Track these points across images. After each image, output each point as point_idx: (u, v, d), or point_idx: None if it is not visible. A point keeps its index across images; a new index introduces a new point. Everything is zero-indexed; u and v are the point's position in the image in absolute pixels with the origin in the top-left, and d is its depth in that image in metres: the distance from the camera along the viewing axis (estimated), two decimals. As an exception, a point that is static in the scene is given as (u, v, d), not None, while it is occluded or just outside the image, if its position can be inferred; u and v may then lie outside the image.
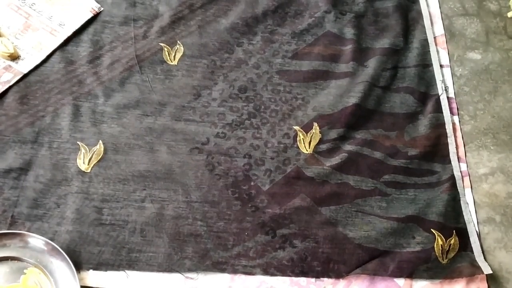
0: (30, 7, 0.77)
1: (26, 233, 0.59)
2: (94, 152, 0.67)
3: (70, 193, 0.64)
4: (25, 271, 0.58)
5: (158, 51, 0.77)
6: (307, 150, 0.71)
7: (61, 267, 0.58)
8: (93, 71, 0.74)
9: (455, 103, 0.78)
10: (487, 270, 0.62)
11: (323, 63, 0.79)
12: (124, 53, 0.76)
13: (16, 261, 0.58)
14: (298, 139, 0.71)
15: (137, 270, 0.60)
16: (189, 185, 0.66)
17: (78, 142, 0.68)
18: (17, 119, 0.69)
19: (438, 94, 0.77)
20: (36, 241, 0.59)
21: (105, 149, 0.68)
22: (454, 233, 0.65)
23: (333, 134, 0.72)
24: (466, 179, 0.71)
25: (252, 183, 0.67)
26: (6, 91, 0.71)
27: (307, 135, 0.72)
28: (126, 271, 0.60)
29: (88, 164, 0.66)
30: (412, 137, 0.73)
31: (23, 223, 0.61)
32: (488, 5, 0.89)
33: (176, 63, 0.77)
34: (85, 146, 0.68)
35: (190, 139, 0.70)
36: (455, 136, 0.74)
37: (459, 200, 0.69)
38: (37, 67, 0.73)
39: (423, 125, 0.74)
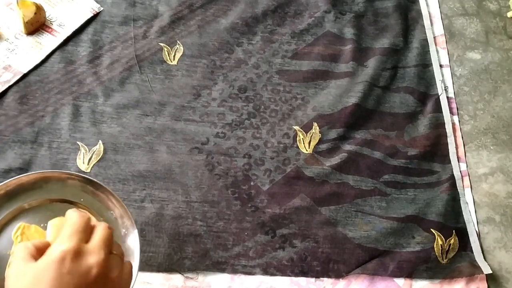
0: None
1: (62, 172, 0.53)
2: (94, 152, 0.67)
3: (69, 193, 0.64)
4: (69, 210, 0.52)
5: (158, 51, 0.77)
6: (306, 150, 0.71)
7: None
8: (92, 71, 0.74)
9: (454, 103, 0.78)
10: (486, 270, 0.62)
11: (323, 63, 0.79)
12: (123, 53, 0.76)
13: (58, 203, 0.52)
14: (297, 139, 0.71)
15: (136, 270, 0.60)
16: (189, 185, 0.66)
17: (78, 142, 0.68)
18: (16, 119, 0.69)
19: (437, 94, 0.77)
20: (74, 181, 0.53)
21: (104, 149, 0.68)
22: (454, 233, 0.65)
23: (333, 134, 0.72)
24: (466, 179, 0.71)
25: (252, 183, 0.67)
26: (5, 91, 0.71)
27: (306, 135, 0.72)
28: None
29: (88, 164, 0.66)
30: (412, 137, 0.73)
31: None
32: (487, 5, 0.89)
33: (176, 63, 0.77)
34: (85, 146, 0.68)
35: (189, 139, 0.70)
36: (455, 136, 0.74)
37: (459, 200, 0.69)
38: (36, 67, 0.73)
39: (422, 125, 0.74)
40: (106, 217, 0.52)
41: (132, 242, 0.52)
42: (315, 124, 0.73)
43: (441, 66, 0.81)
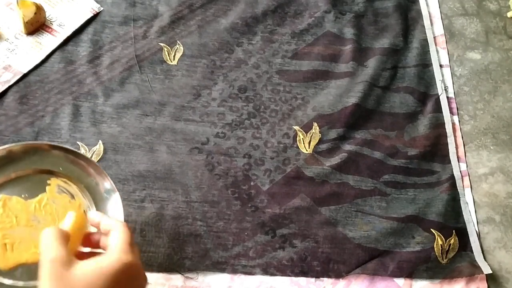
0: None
1: (44, 143, 0.54)
2: (94, 152, 0.67)
3: (69, 193, 0.64)
4: (48, 181, 0.53)
5: (158, 51, 0.77)
6: (306, 150, 0.71)
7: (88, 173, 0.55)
8: (92, 71, 0.74)
9: (454, 103, 0.78)
10: (486, 270, 0.62)
11: (323, 63, 0.79)
12: (123, 53, 0.76)
13: (38, 174, 0.53)
14: (297, 139, 0.71)
15: (136, 270, 0.60)
16: (189, 185, 0.66)
17: (78, 142, 0.68)
18: (16, 119, 0.69)
19: (437, 94, 0.77)
20: (58, 151, 0.54)
21: (104, 149, 0.68)
22: (454, 233, 0.65)
23: (333, 134, 0.72)
24: (466, 179, 0.71)
25: (252, 183, 0.67)
26: (5, 91, 0.71)
27: (306, 135, 0.72)
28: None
29: (87, 164, 0.66)
30: (412, 137, 0.73)
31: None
32: (488, 5, 0.89)
33: (176, 63, 0.77)
34: (85, 146, 0.68)
35: (189, 139, 0.70)
36: (455, 136, 0.74)
37: (459, 200, 0.69)
38: (36, 67, 0.73)
39: (422, 125, 0.74)
40: (86, 183, 0.54)
41: (114, 205, 0.54)
42: (315, 124, 0.73)
43: (441, 66, 0.81)
